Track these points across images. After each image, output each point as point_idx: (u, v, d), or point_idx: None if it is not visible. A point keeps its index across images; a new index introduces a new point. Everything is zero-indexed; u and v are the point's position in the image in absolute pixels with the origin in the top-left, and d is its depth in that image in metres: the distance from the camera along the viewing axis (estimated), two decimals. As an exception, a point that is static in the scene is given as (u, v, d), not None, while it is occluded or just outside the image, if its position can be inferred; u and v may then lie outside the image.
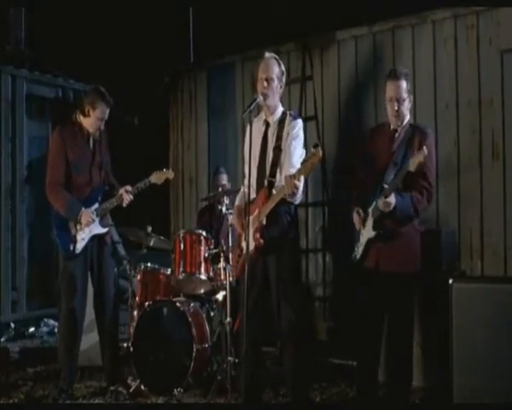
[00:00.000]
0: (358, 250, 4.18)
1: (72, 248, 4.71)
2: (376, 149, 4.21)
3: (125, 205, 4.82)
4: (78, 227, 4.73)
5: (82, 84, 7.73)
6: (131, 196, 4.81)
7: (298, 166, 3.99)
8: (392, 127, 4.20)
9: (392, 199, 3.89)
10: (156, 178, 4.86)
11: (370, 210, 4.09)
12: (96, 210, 4.79)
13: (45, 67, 7.97)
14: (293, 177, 3.83)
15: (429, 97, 5.64)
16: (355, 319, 4.31)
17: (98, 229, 4.82)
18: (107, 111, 4.78)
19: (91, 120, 4.77)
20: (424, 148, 3.82)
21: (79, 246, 4.73)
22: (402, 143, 4.10)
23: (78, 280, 4.74)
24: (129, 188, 4.81)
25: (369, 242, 4.11)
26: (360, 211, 4.16)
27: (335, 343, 5.87)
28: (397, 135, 4.16)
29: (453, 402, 4.18)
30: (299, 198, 4.07)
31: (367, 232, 4.12)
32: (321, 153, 3.75)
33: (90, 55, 9.24)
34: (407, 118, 4.20)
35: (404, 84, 4.11)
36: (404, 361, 4.11)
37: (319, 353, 5.57)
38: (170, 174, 4.90)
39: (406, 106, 4.16)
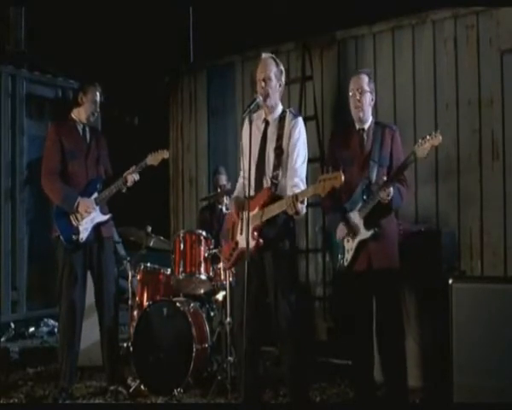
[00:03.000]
0: (346, 257, 4.14)
1: (75, 238, 4.71)
2: (348, 153, 4.20)
3: (130, 184, 4.80)
4: (78, 217, 4.73)
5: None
6: (136, 177, 4.82)
7: (301, 174, 3.98)
8: (357, 127, 4.22)
9: (392, 189, 3.93)
10: (152, 159, 4.87)
11: (357, 211, 4.08)
12: (95, 199, 4.80)
13: (45, 67, 7.97)
14: (296, 198, 3.80)
15: (429, 97, 5.65)
16: (348, 322, 4.30)
17: (100, 217, 4.82)
18: (98, 94, 4.88)
19: (86, 106, 4.84)
20: (433, 133, 3.80)
21: (83, 236, 4.73)
22: (374, 141, 4.14)
23: (79, 275, 4.75)
24: (131, 171, 4.84)
25: (361, 244, 4.08)
26: (346, 223, 4.13)
27: (335, 343, 5.86)
28: (365, 135, 4.19)
29: (453, 402, 4.18)
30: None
31: (358, 235, 4.08)
32: (343, 178, 3.66)
33: (90, 55, 9.26)
34: (370, 117, 4.23)
35: (364, 78, 4.19)
36: (400, 357, 4.12)
37: (319, 353, 5.57)
38: (165, 154, 4.91)
39: (369, 101, 4.18)
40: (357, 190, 4.09)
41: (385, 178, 3.96)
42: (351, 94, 4.20)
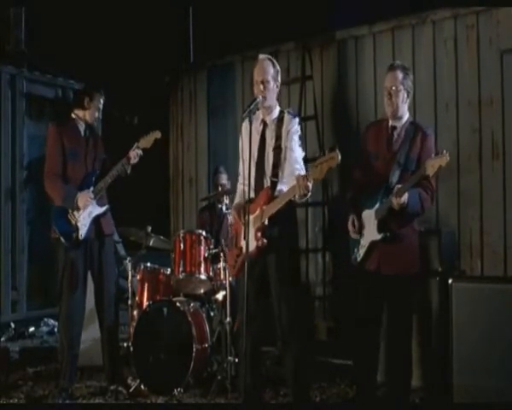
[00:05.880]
0: (359, 252, 4.13)
1: (75, 236, 4.72)
2: (376, 148, 4.12)
3: (134, 161, 4.81)
4: (76, 215, 4.73)
5: (82, 84, 7.73)
6: (140, 152, 4.84)
7: (301, 162, 3.99)
8: (390, 124, 4.12)
9: (405, 198, 3.85)
10: (145, 142, 4.87)
11: (374, 211, 4.04)
12: (93, 191, 4.80)
13: (45, 67, 7.97)
14: (306, 178, 3.78)
15: (429, 97, 5.64)
16: (355, 320, 4.29)
17: (97, 209, 4.81)
18: (102, 101, 4.97)
19: (92, 110, 4.89)
20: (444, 151, 3.74)
21: (83, 232, 4.74)
22: (404, 142, 4.03)
23: (79, 276, 4.76)
24: (133, 148, 4.86)
25: (372, 244, 4.06)
26: (355, 220, 4.13)
27: (335, 343, 5.87)
28: (396, 133, 4.08)
29: (453, 402, 4.18)
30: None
31: (371, 234, 4.06)
32: (340, 156, 3.68)
33: (90, 54, 9.27)
34: (406, 115, 4.12)
35: (399, 75, 4.06)
36: (406, 361, 4.11)
37: (319, 353, 5.57)
38: (157, 134, 4.90)
39: (402, 99, 4.06)
40: (379, 190, 4.03)
41: (399, 186, 3.87)
42: (384, 91, 4.08)
